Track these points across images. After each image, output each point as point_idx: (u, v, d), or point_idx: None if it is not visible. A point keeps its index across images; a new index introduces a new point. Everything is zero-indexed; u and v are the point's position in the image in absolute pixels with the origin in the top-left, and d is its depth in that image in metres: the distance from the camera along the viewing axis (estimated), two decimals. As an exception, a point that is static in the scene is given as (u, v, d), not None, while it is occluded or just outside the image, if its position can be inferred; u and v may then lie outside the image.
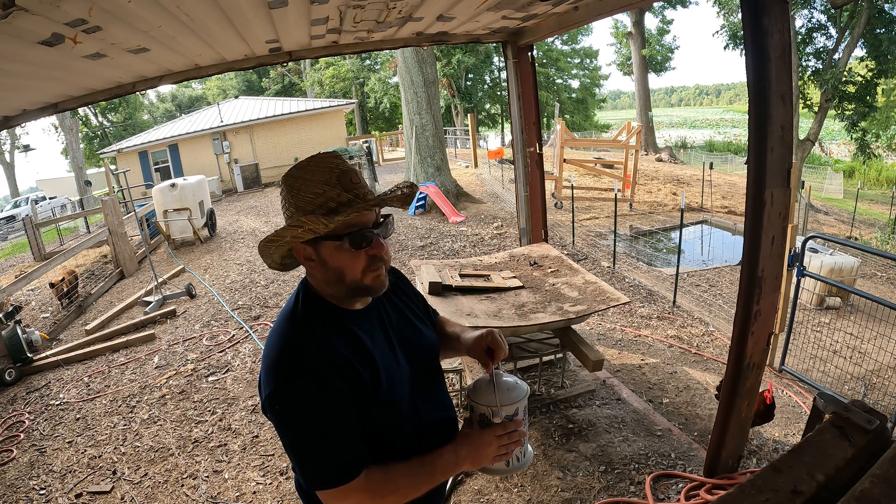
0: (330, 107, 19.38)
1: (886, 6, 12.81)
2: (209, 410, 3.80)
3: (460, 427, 1.16)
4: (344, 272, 1.02)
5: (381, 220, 1.05)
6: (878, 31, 12.89)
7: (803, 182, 12.08)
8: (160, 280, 6.86)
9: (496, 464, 1.06)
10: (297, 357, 0.96)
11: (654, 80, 30.91)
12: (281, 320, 1.05)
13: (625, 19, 25.50)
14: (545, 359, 3.40)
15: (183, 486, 2.97)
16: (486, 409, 1.04)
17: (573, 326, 3.17)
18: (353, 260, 1.01)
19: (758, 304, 2.11)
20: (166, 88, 38.10)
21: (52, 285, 6.66)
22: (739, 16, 7.06)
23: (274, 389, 0.95)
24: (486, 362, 1.13)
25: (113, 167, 16.09)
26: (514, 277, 3.52)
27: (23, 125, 18.90)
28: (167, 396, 4.07)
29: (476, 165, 15.33)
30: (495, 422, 1.04)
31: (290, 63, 19.29)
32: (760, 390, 2.57)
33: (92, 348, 5.19)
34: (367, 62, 28.59)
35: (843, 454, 1.19)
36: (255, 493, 2.84)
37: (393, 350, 1.10)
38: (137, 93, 5.28)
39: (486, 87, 29.18)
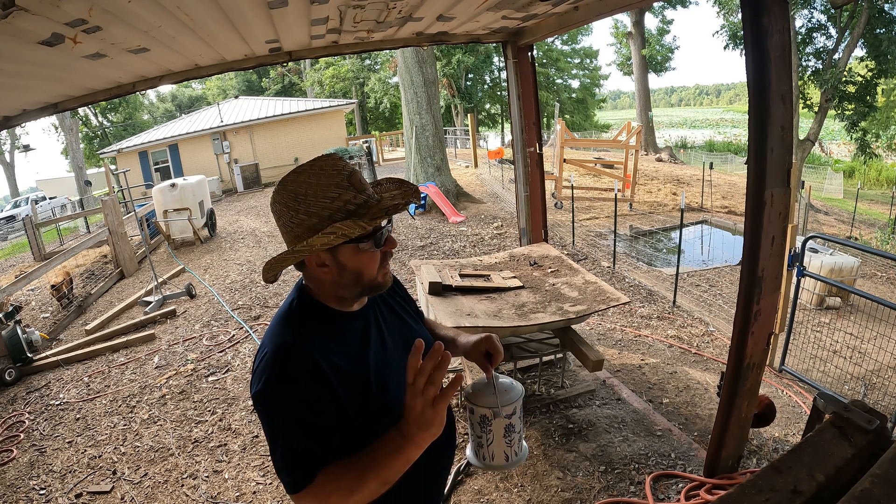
0: (330, 107, 19.38)
1: (886, 6, 12.80)
2: (209, 410, 3.80)
3: (458, 428, 1.16)
4: (363, 273, 1.03)
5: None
6: (878, 31, 12.88)
7: (803, 182, 12.07)
8: (160, 280, 6.85)
9: (497, 460, 1.09)
10: (283, 361, 0.96)
11: (654, 80, 30.91)
12: (275, 322, 1.05)
13: (625, 19, 25.51)
14: (545, 359, 3.40)
15: (183, 486, 2.97)
16: (486, 411, 1.07)
17: (573, 326, 3.17)
18: (372, 259, 1.03)
19: (758, 304, 2.11)
20: (166, 88, 38.09)
21: (53, 287, 6.67)
22: (739, 16, 7.06)
23: (259, 390, 0.96)
24: (485, 366, 1.15)
25: (113, 167, 16.09)
26: (514, 277, 3.52)
27: (23, 125, 18.90)
28: (167, 396, 4.07)
29: (476, 165, 15.33)
30: (495, 422, 1.06)
31: (290, 63, 19.29)
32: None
33: (92, 348, 5.19)
34: (367, 62, 28.59)
35: (843, 454, 1.20)
36: (255, 493, 2.84)
37: (388, 350, 1.11)
38: (137, 93, 5.28)
39: (486, 87, 29.16)
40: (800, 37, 13.65)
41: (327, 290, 1.06)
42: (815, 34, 13.91)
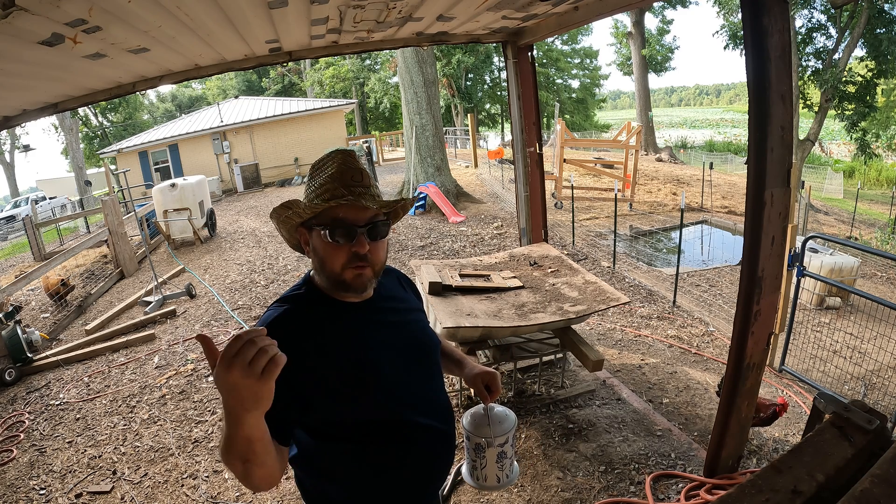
0: (330, 107, 19.37)
1: (886, 6, 12.80)
2: (209, 410, 3.80)
3: (458, 428, 1.18)
4: (325, 262, 1.08)
5: (377, 222, 1.08)
6: (878, 31, 12.87)
7: (803, 182, 12.08)
8: (160, 280, 6.85)
9: (489, 482, 1.18)
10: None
11: (654, 80, 30.91)
12: (279, 297, 1.14)
13: (625, 19, 25.52)
14: (545, 359, 3.40)
15: (183, 486, 2.97)
16: (481, 440, 1.16)
17: (573, 326, 3.17)
18: (334, 252, 1.06)
19: (758, 304, 2.11)
20: (166, 88, 38.09)
21: (49, 294, 6.70)
22: (739, 16, 7.06)
23: None
24: (484, 396, 1.23)
25: (113, 167, 16.09)
26: (514, 277, 3.52)
27: (23, 125, 18.89)
28: (167, 396, 4.07)
29: (476, 165, 15.33)
30: (489, 451, 1.15)
31: (290, 63, 19.29)
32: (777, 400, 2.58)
33: (92, 348, 5.18)
34: (367, 62, 28.59)
35: (843, 454, 1.20)
36: (255, 493, 2.84)
37: (382, 349, 1.12)
38: (137, 93, 5.28)
39: (486, 87, 29.16)
40: (800, 37, 13.65)
41: (316, 274, 1.14)
42: (815, 34, 13.90)
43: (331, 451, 1.08)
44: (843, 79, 13.32)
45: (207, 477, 3.03)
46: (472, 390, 2.78)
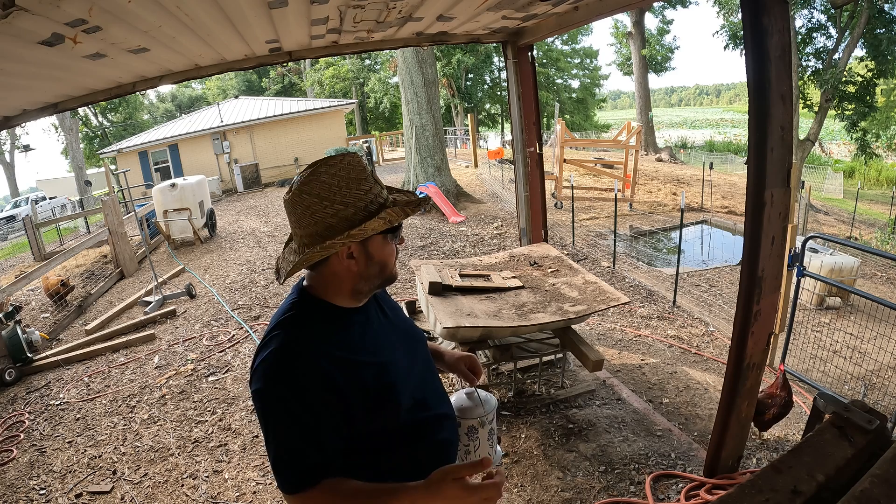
0: (330, 107, 19.36)
1: (886, 6, 12.80)
2: (209, 410, 3.80)
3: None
4: (387, 263, 1.10)
5: None
6: (878, 31, 12.88)
7: (803, 182, 12.07)
8: (160, 280, 6.85)
9: None
10: (287, 361, 0.97)
11: (654, 80, 30.83)
12: (278, 322, 1.04)
13: (625, 19, 25.51)
14: (545, 359, 3.40)
15: (183, 486, 2.97)
16: (474, 422, 1.19)
17: (573, 326, 3.17)
18: (391, 252, 1.11)
19: (758, 304, 2.11)
20: (166, 88, 38.07)
21: (49, 294, 6.70)
22: (739, 16, 7.06)
23: (258, 388, 0.97)
24: (470, 379, 1.28)
25: (113, 167, 16.08)
26: (514, 277, 3.52)
27: (23, 125, 18.90)
28: (167, 396, 4.07)
29: (476, 165, 15.32)
30: (482, 431, 1.18)
31: (290, 63, 19.28)
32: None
33: (92, 348, 5.18)
34: (367, 62, 28.59)
35: (843, 454, 1.20)
36: (255, 493, 2.84)
37: (393, 341, 1.14)
38: (137, 93, 5.28)
39: (486, 87, 29.17)
40: (800, 37, 13.64)
41: (344, 286, 1.06)
42: (815, 34, 13.90)
43: (350, 465, 1.03)
44: (843, 79, 13.32)
45: (207, 477, 3.03)
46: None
